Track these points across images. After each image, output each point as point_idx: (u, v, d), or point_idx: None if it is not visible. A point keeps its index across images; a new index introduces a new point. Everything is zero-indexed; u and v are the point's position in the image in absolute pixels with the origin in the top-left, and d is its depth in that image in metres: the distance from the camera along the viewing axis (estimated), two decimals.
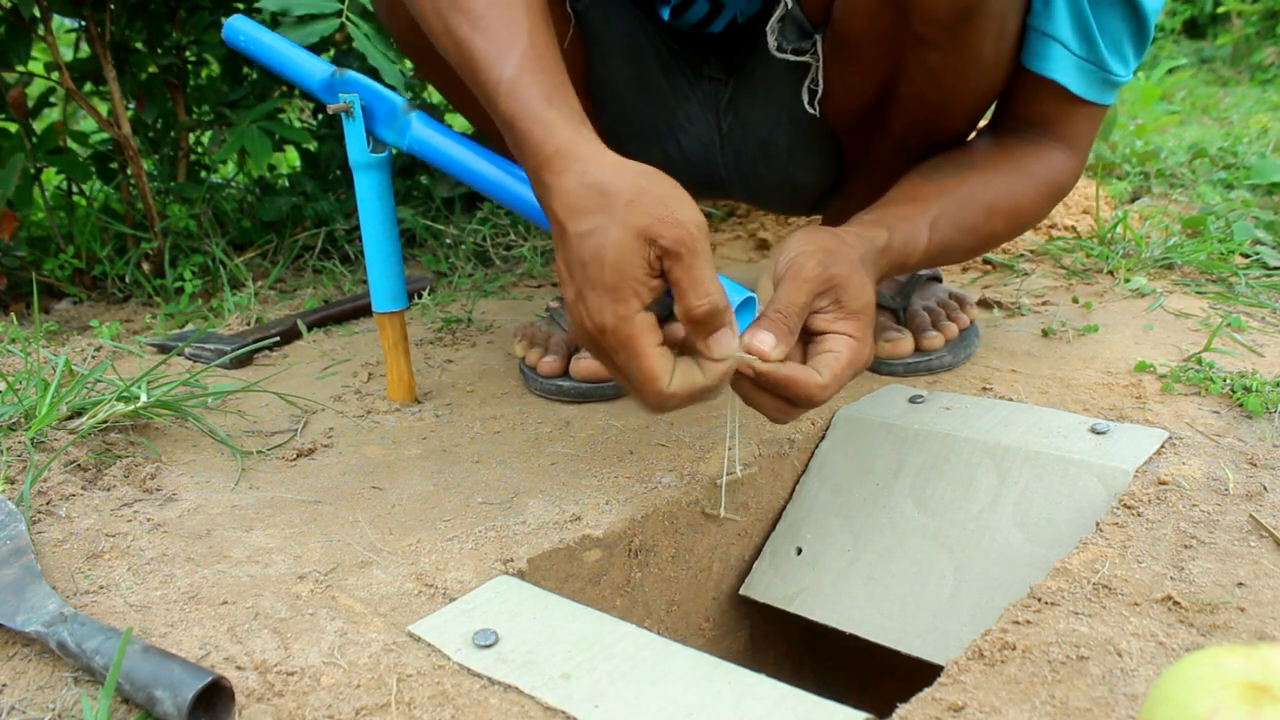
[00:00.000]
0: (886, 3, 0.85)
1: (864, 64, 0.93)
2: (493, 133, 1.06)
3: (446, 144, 0.90)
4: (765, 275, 0.74)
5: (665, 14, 1.03)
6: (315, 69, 0.95)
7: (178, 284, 1.60)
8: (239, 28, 1.00)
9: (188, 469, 0.88)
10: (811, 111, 0.99)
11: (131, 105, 1.82)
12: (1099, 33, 0.87)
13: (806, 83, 0.97)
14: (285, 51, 0.97)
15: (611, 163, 0.68)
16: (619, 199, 0.65)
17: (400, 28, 0.99)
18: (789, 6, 0.91)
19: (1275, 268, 1.39)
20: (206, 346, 1.19)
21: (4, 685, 0.59)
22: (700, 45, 1.08)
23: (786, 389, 0.71)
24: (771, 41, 0.93)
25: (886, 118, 0.99)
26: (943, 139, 1.00)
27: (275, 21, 1.24)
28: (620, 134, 1.12)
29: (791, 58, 0.94)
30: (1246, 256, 1.44)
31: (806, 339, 0.74)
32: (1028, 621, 0.62)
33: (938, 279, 1.16)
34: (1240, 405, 0.92)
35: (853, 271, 0.74)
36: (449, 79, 1.02)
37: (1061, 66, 0.88)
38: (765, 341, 0.70)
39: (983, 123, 1.03)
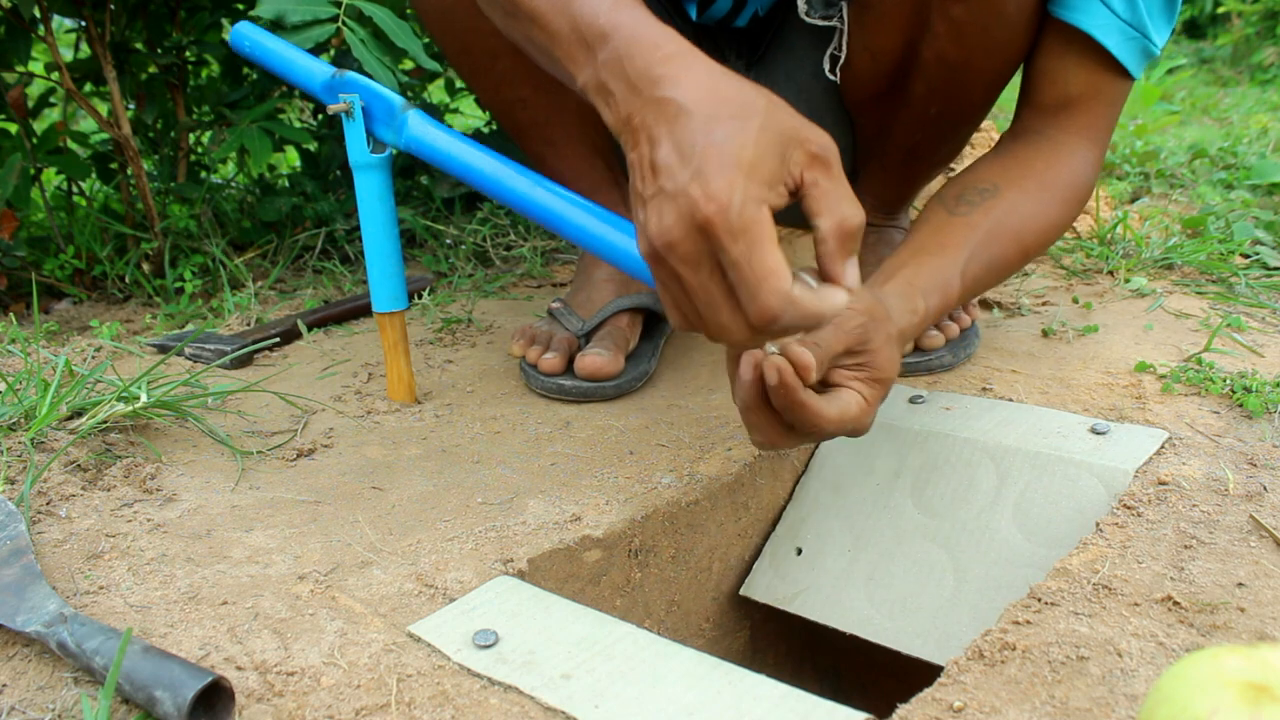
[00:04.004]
0: None
1: (888, 24, 0.95)
2: (512, 123, 1.07)
3: (444, 140, 0.89)
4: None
5: (693, 12, 1.03)
6: (317, 71, 0.96)
7: (178, 284, 1.60)
8: (245, 34, 1.01)
9: (188, 469, 0.88)
10: (831, 78, 1.01)
11: (131, 105, 1.82)
12: None
13: (829, 49, 1.00)
14: (289, 55, 0.99)
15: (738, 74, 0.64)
16: (759, 99, 0.61)
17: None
18: None
19: (1275, 268, 1.39)
20: (206, 346, 1.19)
21: (4, 685, 0.59)
22: (719, 40, 1.09)
23: (799, 411, 0.71)
24: (801, 6, 0.97)
25: (907, 85, 1.00)
26: (961, 108, 1.01)
27: (272, 28, 1.24)
28: None
29: (820, 23, 0.98)
30: (1246, 257, 1.44)
31: (819, 387, 0.76)
32: (1028, 622, 0.62)
33: None
34: (1240, 405, 0.92)
35: (886, 344, 0.77)
36: (474, 64, 1.03)
37: (1103, 25, 0.87)
38: (805, 359, 0.70)
39: (982, 127, 1.03)
